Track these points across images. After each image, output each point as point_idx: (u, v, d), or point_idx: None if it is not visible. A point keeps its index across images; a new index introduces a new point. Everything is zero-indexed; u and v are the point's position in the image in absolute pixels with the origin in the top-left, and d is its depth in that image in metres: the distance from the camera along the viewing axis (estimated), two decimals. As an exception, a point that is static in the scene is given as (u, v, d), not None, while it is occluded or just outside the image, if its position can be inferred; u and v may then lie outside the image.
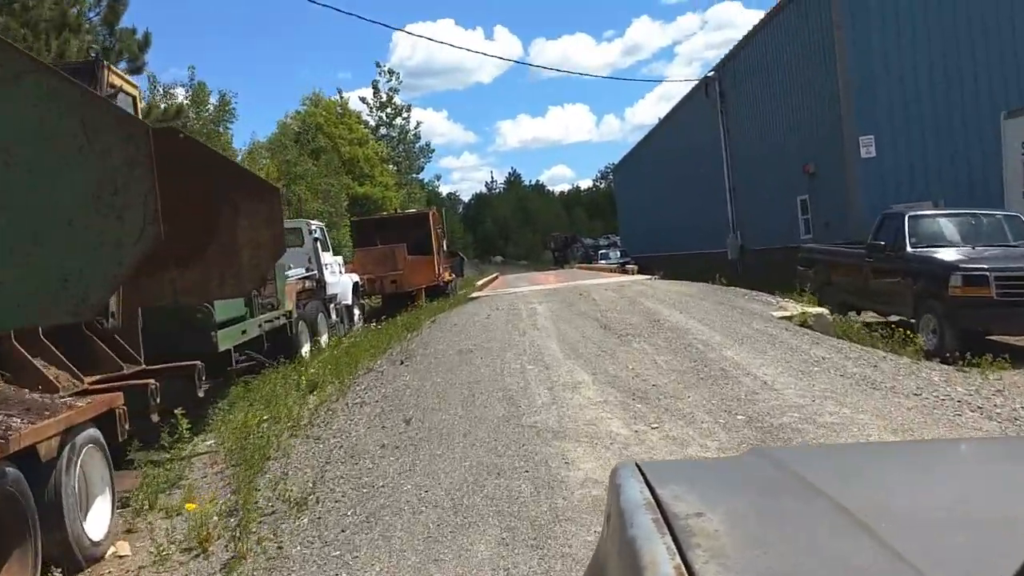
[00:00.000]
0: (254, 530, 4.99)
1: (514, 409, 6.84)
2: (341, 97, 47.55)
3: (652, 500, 1.27)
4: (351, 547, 4.62)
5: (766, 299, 12.07)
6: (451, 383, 7.91)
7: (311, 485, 5.75)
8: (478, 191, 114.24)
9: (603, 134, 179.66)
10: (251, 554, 4.75)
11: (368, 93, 53.72)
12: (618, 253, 45.69)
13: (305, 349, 13.05)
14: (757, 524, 1.23)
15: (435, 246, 24.51)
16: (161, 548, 4.90)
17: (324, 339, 14.36)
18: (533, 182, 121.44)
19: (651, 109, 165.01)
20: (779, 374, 7.39)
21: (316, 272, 15.12)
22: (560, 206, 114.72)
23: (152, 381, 6.66)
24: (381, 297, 22.07)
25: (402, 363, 9.27)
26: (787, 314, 10.33)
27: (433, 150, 57.63)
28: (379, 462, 6.03)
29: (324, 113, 42.45)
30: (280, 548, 4.79)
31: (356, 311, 17.33)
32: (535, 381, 7.67)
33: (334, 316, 15.56)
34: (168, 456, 6.89)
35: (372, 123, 52.14)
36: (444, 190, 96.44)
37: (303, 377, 9.45)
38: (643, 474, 1.40)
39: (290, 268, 14.65)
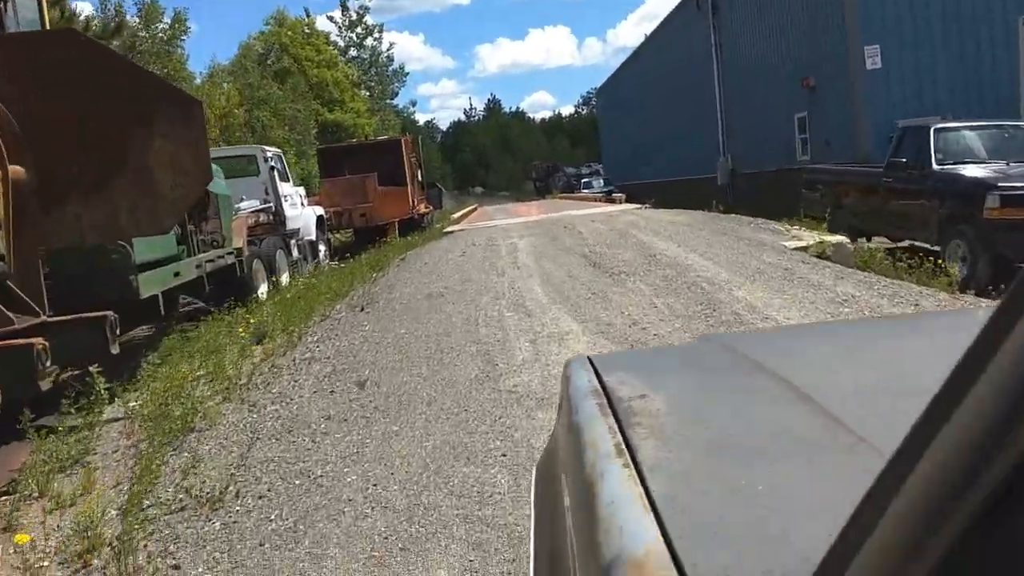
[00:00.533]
0: (145, 542, 3.82)
1: (490, 368, 5.64)
2: (308, 16, 44.81)
3: (599, 387, 1.33)
4: (268, 572, 3.46)
5: (773, 227, 10.86)
6: (416, 335, 6.69)
7: (231, 472, 4.57)
8: (457, 119, 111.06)
9: (585, 58, 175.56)
10: (140, 574, 3.60)
11: (337, 14, 50.67)
12: (601, 182, 44.09)
13: (262, 290, 11.74)
14: (699, 402, 1.31)
15: (409, 176, 22.96)
16: (29, 561, 3.75)
17: (284, 279, 13.05)
18: (513, 109, 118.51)
19: (634, 30, 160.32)
20: (803, 318, 6.23)
21: (273, 204, 13.69)
22: (541, 134, 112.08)
23: (39, 340, 5.37)
24: (353, 231, 20.65)
25: (363, 309, 8.04)
26: (802, 244, 9.13)
27: (407, 74, 54.76)
28: (320, 440, 4.84)
29: (289, 33, 39.85)
30: (177, 568, 3.63)
31: (321, 247, 15.93)
32: (515, 332, 6.47)
33: (295, 253, 14.20)
34: (79, 423, 5.67)
35: (341, 44, 49.37)
36: (421, 118, 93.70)
37: (248, 326, 8.19)
38: (593, 366, 1.47)
39: (242, 200, 13.22)
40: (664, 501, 0.89)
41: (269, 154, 14.06)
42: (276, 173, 14.05)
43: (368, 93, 48.91)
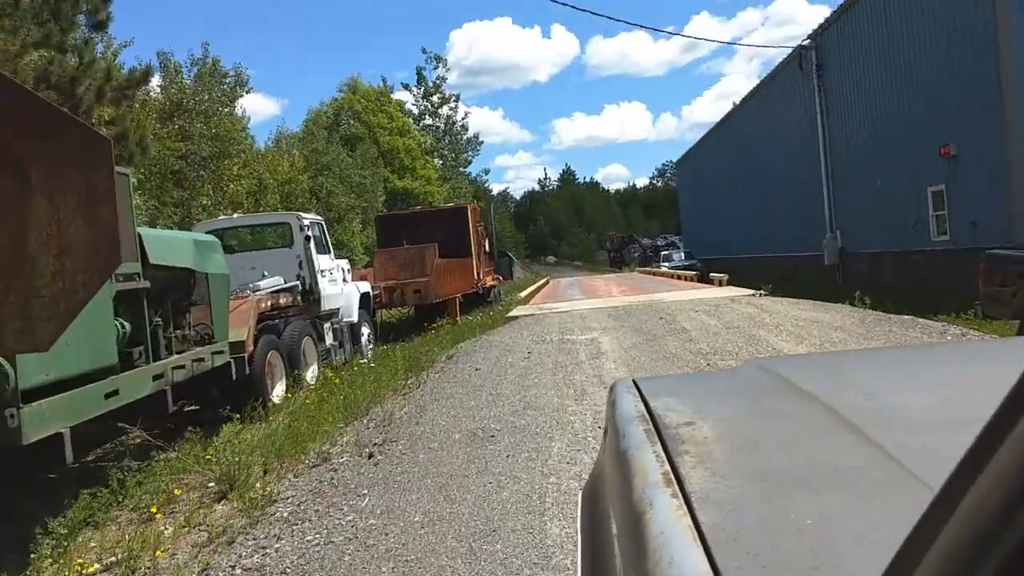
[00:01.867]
0: None
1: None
2: (385, 85, 44.17)
3: (645, 412, 1.34)
4: None
5: (967, 334, 7.80)
6: (440, 533, 3.95)
7: None
8: (531, 189, 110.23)
9: (660, 132, 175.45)
10: None
11: (413, 86, 50.10)
12: (682, 255, 41.04)
13: (278, 391, 9.33)
14: (746, 429, 1.26)
15: (474, 247, 20.67)
16: None
17: (312, 372, 10.62)
18: (588, 179, 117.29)
19: (709, 107, 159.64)
20: None
21: (303, 281, 11.39)
22: (616, 205, 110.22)
23: None
24: (413, 306, 18.32)
25: (371, 456, 5.38)
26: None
27: (482, 142, 53.16)
28: None
29: (363, 100, 39.02)
30: None
31: (365, 329, 13.51)
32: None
33: (330, 339, 11.80)
34: None
35: (416, 112, 48.56)
36: (496, 187, 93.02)
37: (208, 466, 5.63)
38: (639, 389, 1.50)
39: (263, 277, 10.96)
40: (713, 532, 0.89)
41: (306, 222, 11.87)
42: (313, 243, 11.81)
43: (441, 161, 47.73)
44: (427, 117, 49.03)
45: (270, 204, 25.61)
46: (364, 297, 13.69)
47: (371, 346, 13.65)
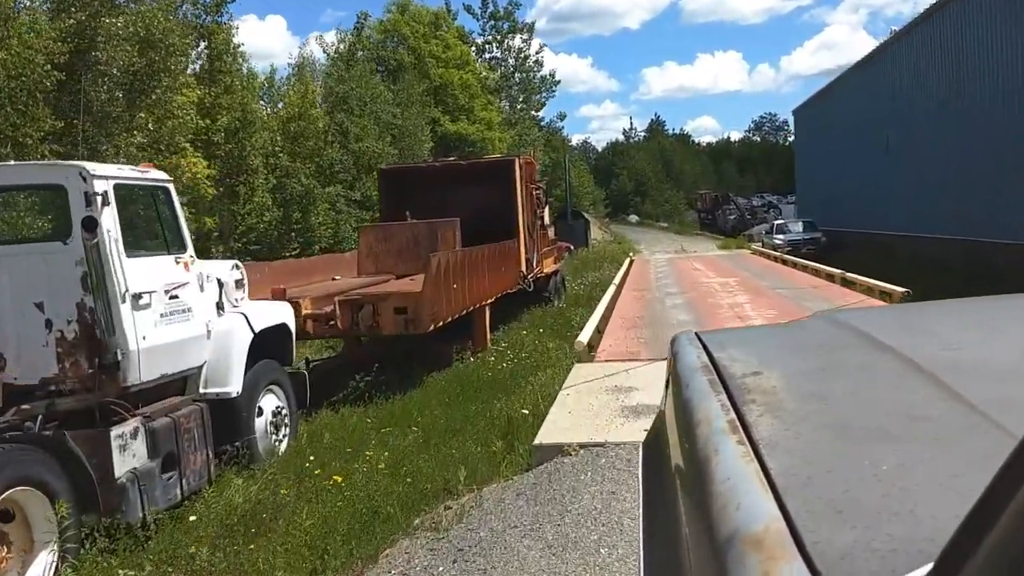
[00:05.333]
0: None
1: None
2: (448, 9, 36.82)
3: (709, 363, 1.31)
4: None
5: None
6: None
7: None
8: (614, 139, 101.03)
9: (756, 84, 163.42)
10: None
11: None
12: (799, 225, 32.55)
13: None
14: (817, 379, 1.23)
15: (523, 220, 13.70)
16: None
17: (46, 560, 4.08)
18: (677, 131, 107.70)
19: (810, 59, 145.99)
20: None
21: (87, 319, 4.81)
22: (707, 160, 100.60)
23: None
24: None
25: None
26: None
27: (558, 81, 43.83)
28: None
29: (412, 23, 31.98)
30: None
31: (269, 404, 6.64)
32: None
33: (142, 455, 5.17)
34: None
35: (480, 41, 40.87)
36: (576, 137, 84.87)
37: None
38: (702, 342, 1.45)
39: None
40: (783, 478, 0.87)
41: (102, 185, 5.21)
42: (114, 232, 5.20)
43: (508, 104, 40.36)
44: (493, 47, 41.29)
45: (276, 149, 19.10)
46: (274, 335, 6.88)
47: (284, 437, 6.89)
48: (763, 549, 0.74)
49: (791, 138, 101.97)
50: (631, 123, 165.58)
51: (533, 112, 43.56)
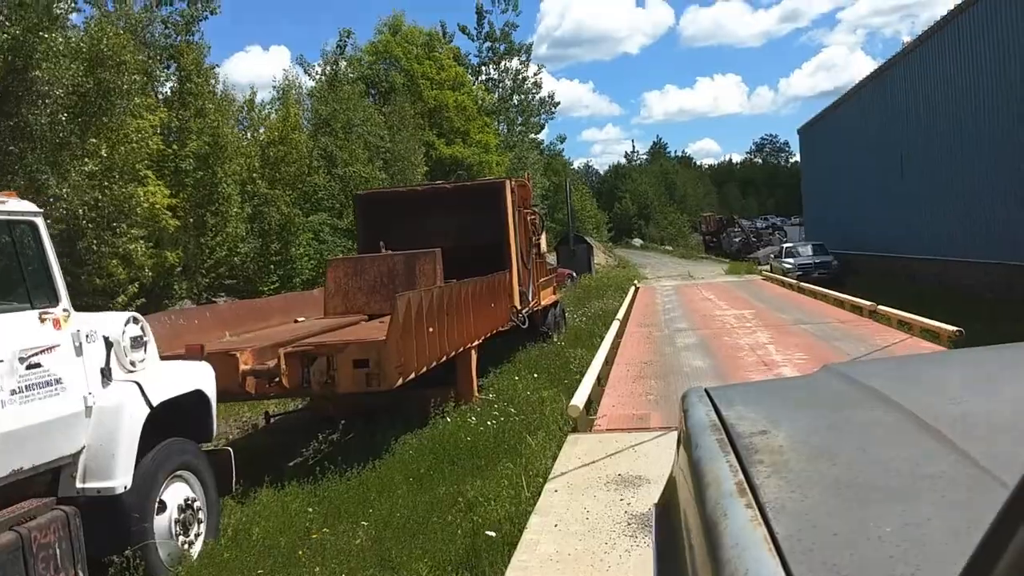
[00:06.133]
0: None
1: None
2: (444, 31, 35.77)
3: (718, 421, 1.32)
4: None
5: None
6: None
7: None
8: (616, 162, 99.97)
9: (755, 106, 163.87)
10: None
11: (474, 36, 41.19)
12: (809, 248, 31.03)
13: None
14: (823, 437, 1.24)
15: (516, 247, 12.30)
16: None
17: None
18: (679, 153, 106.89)
19: (807, 80, 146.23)
20: None
21: None
22: (710, 182, 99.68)
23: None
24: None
25: None
26: None
27: (557, 103, 42.37)
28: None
29: (405, 44, 30.87)
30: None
31: (174, 497, 4.95)
32: None
33: None
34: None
35: (476, 62, 39.69)
36: (579, 161, 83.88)
37: None
38: (711, 398, 1.47)
39: None
40: (789, 543, 0.88)
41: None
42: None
43: (506, 127, 39.15)
44: (490, 69, 40.12)
45: (249, 173, 17.85)
46: (188, 404, 5.44)
47: (198, 537, 5.39)
48: None
49: (793, 159, 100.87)
50: (633, 146, 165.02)
51: (532, 135, 42.33)
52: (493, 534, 4.28)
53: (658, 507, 1.59)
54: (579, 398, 7.07)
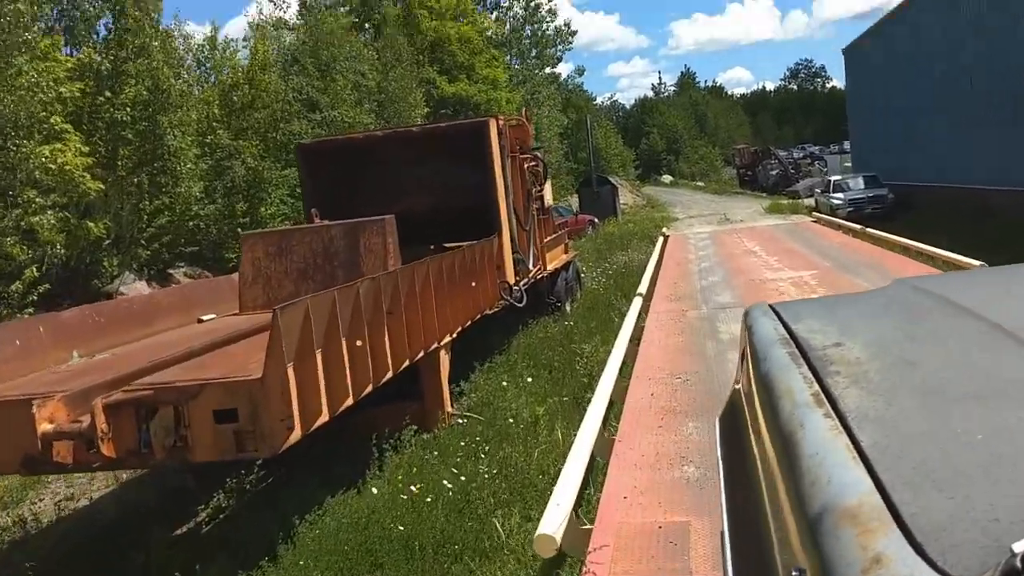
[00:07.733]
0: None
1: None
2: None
3: (787, 336, 1.29)
4: None
5: None
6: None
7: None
8: (643, 96, 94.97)
9: (788, 32, 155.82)
10: None
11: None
12: (860, 181, 27.60)
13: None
14: (902, 347, 1.19)
15: (507, 205, 9.61)
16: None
17: None
18: (709, 83, 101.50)
19: (843, 2, 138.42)
20: None
21: None
22: (742, 112, 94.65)
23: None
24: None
25: None
26: None
27: (574, 32, 38.09)
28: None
29: (398, -30, 27.57)
30: None
31: None
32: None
33: None
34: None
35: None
36: (602, 96, 79.52)
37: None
38: (777, 313, 1.43)
39: None
40: (874, 450, 0.85)
41: None
42: None
43: (517, 60, 35.71)
44: (499, -4, 36.26)
45: (175, 123, 15.06)
46: None
47: None
48: (859, 523, 0.74)
49: (831, 83, 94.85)
50: (660, 78, 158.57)
51: (548, 68, 38.78)
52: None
53: (721, 421, 1.60)
54: (548, 526, 3.66)
